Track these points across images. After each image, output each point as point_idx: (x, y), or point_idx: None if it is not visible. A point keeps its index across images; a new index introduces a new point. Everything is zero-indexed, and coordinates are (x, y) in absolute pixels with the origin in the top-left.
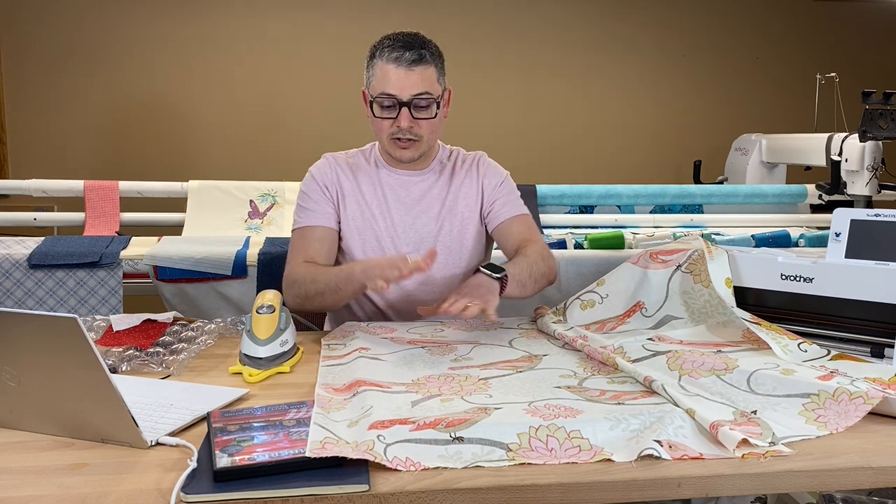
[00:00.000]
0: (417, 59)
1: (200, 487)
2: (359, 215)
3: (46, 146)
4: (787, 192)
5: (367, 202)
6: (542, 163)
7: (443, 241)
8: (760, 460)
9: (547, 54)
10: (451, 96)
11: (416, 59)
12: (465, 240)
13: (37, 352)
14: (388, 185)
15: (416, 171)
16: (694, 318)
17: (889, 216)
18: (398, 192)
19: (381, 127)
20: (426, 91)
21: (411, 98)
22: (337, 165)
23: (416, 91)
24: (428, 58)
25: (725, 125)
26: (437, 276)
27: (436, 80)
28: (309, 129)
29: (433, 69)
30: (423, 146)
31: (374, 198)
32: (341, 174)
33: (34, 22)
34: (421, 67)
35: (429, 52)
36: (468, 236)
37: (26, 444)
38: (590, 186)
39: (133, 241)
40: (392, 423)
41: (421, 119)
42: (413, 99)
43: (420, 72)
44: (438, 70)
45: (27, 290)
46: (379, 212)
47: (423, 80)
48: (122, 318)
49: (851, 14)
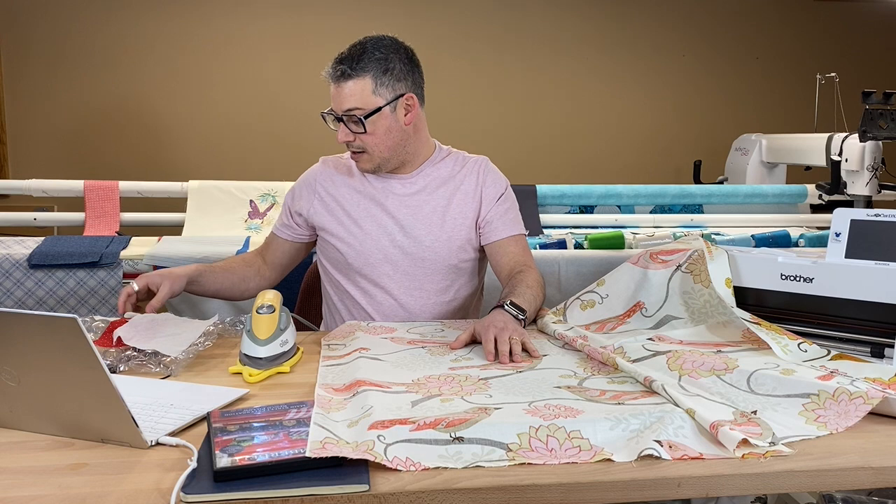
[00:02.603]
0: (342, 75)
1: (200, 487)
2: (345, 219)
3: (46, 146)
4: (787, 192)
5: (355, 204)
6: (542, 163)
7: (431, 245)
8: (760, 460)
9: (547, 54)
10: (416, 102)
11: (341, 75)
12: (458, 243)
13: (37, 352)
14: (376, 189)
15: (403, 175)
16: (694, 319)
17: (889, 216)
18: (384, 194)
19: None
20: (354, 106)
21: (342, 113)
22: (325, 170)
23: (345, 107)
24: (355, 73)
25: (725, 125)
26: (426, 279)
27: (370, 93)
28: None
29: (367, 81)
30: (374, 158)
31: (363, 200)
32: (327, 179)
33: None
34: (349, 83)
35: (361, 64)
36: (458, 240)
37: (26, 444)
38: (590, 186)
39: (133, 241)
40: (392, 423)
41: (358, 133)
42: (344, 114)
43: (348, 87)
44: (378, 80)
45: (27, 290)
46: (367, 214)
47: (352, 94)
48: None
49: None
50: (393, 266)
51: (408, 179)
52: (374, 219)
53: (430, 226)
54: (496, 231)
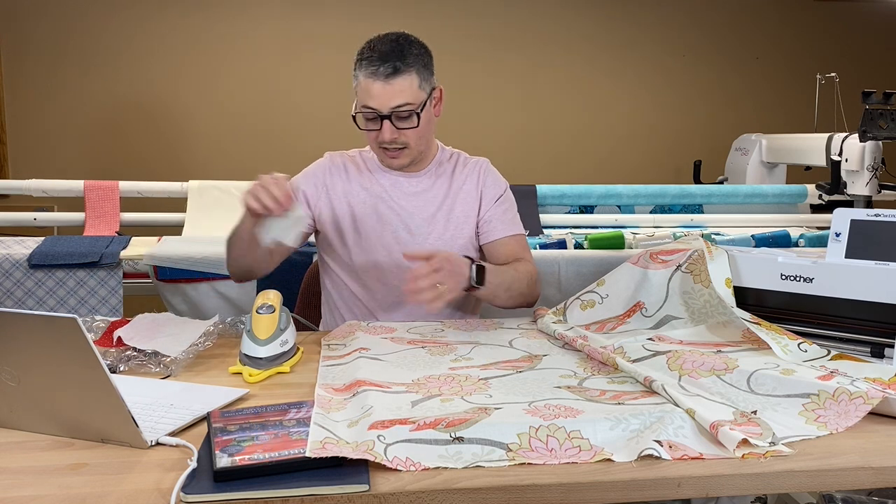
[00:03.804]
0: (393, 72)
1: (200, 487)
2: (349, 215)
3: (46, 146)
4: (787, 192)
5: (361, 202)
6: (542, 163)
7: (435, 244)
8: (760, 460)
9: (547, 54)
10: (442, 94)
11: (393, 71)
12: (460, 243)
13: (37, 352)
14: (383, 186)
15: (412, 173)
16: (694, 318)
17: (889, 216)
18: (392, 192)
19: (369, 137)
20: (406, 102)
21: (391, 111)
22: (332, 166)
23: (394, 104)
24: (405, 67)
25: (725, 125)
26: None
27: (417, 87)
28: (309, 128)
29: (413, 76)
30: (413, 152)
31: (369, 198)
32: (335, 174)
33: (34, 22)
34: (398, 79)
35: (408, 60)
36: (462, 239)
37: (26, 444)
38: (590, 186)
39: (133, 241)
40: (392, 423)
41: (404, 129)
42: (393, 112)
43: (398, 83)
44: (421, 75)
45: (27, 290)
46: (373, 211)
47: (402, 91)
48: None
49: (851, 14)
50: (396, 264)
51: (415, 178)
52: (379, 216)
53: (435, 225)
54: (495, 230)
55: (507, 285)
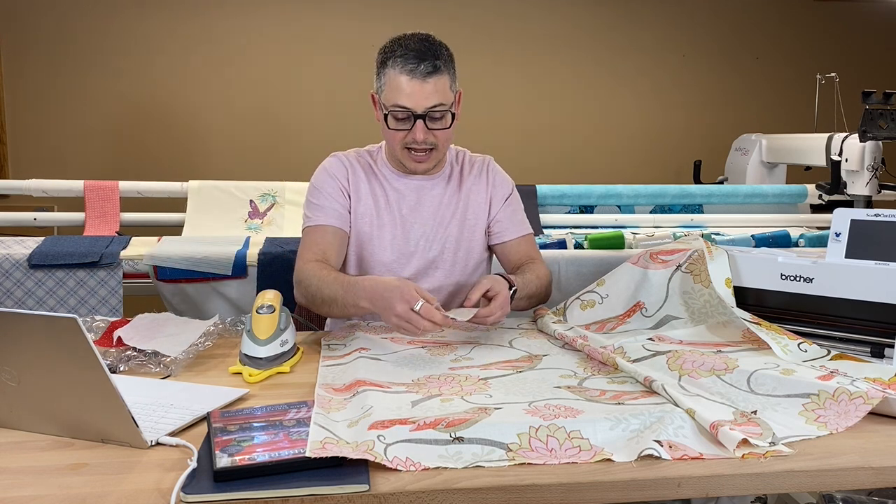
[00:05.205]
0: (433, 70)
1: (200, 487)
2: (367, 218)
3: (46, 146)
4: (787, 192)
5: (376, 205)
6: (543, 163)
7: (451, 248)
8: (760, 460)
9: (547, 54)
10: (461, 96)
11: (430, 71)
12: (474, 246)
13: (37, 352)
14: (397, 190)
15: (427, 176)
16: (694, 318)
17: (889, 216)
18: (408, 196)
19: (395, 137)
20: (441, 102)
21: (426, 111)
22: (349, 164)
23: (431, 103)
24: (441, 67)
25: (725, 125)
26: (445, 283)
27: (449, 89)
28: (309, 128)
29: (446, 76)
30: (439, 154)
31: (384, 201)
32: (353, 173)
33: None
34: (435, 78)
35: (442, 60)
36: (476, 242)
37: (26, 444)
38: (590, 186)
39: (133, 241)
40: (392, 423)
41: (436, 129)
42: (428, 111)
43: (434, 83)
44: (451, 76)
45: (27, 290)
46: (388, 215)
47: (438, 90)
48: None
49: (851, 14)
50: (406, 263)
51: (428, 180)
52: (392, 216)
53: (449, 226)
54: (507, 231)
55: (531, 293)
